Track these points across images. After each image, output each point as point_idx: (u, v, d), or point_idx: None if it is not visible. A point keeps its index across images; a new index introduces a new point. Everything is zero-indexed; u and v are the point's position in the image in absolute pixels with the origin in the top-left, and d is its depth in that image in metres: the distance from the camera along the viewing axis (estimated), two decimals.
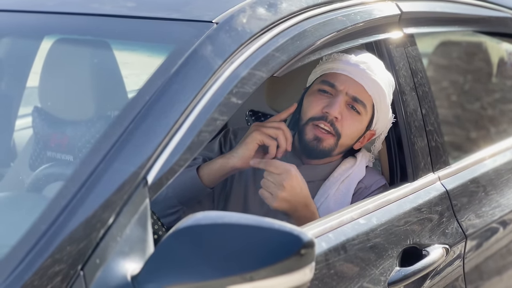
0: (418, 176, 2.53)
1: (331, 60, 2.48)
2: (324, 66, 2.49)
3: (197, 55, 1.95)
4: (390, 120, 2.51)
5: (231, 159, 2.37)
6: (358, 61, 2.44)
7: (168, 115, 1.83)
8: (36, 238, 1.63)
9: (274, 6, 2.17)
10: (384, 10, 2.52)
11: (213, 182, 2.42)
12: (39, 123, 2.58)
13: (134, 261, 1.70)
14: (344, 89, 2.44)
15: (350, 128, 2.45)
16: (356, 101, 2.44)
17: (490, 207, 2.77)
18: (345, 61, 2.45)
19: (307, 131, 2.45)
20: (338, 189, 2.49)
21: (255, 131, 2.37)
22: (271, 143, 2.36)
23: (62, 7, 2.37)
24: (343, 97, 2.43)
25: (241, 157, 2.36)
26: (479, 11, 3.06)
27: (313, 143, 2.44)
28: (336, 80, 2.45)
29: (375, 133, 2.53)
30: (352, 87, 2.44)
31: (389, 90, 2.49)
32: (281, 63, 2.10)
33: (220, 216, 1.70)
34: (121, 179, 1.73)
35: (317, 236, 2.09)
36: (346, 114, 2.44)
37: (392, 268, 2.26)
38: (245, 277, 1.64)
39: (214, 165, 2.40)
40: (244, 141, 2.37)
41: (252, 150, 2.35)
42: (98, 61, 2.46)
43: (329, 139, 2.44)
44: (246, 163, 2.36)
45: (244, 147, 2.36)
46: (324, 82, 2.47)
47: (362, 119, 2.46)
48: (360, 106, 2.44)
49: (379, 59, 2.51)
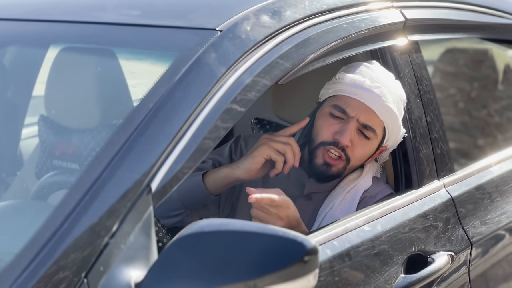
0: (423, 183, 2.52)
1: (343, 80, 2.44)
2: (336, 86, 2.45)
3: (201, 62, 1.95)
4: (401, 135, 2.50)
5: (236, 170, 2.37)
6: (371, 86, 2.40)
7: (172, 123, 1.84)
8: (40, 246, 1.63)
9: (278, 14, 2.17)
10: (388, 17, 2.51)
11: (217, 190, 2.42)
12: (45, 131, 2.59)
13: (138, 269, 1.70)
14: (356, 116, 2.41)
15: (360, 152, 2.44)
16: (366, 128, 2.42)
17: (496, 214, 2.76)
18: (359, 85, 2.41)
19: (318, 155, 2.44)
20: (344, 199, 2.48)
21: (264, 144, 2.37)
22: (278, 158, 2.35)
23: (67, 15, 2.38)
24: (354, 124, 2.41)
25: (247, 170, 2.36)
26: (484, 18, 3.05)
27: (323, 167, 2.43)
28: (348, 106, 2.42)
29: (385, 149, 2.52)
30: (364, 114, 2.41)
31: (401, 108, 2.46)
32: (285, 71, 2.10)
33: (223, 223, 1.70)
34: (125, 186, 1.73)
35: (322, 243, 2.08)
36: (357, 140, 2.42)
37: (397, 275, 2.26)
38: (248, 284, 1.64)
39: (219, 174, 2.40)
40: (252, 154, 2.37)
41: (259, 164, 2.35)
42: (103, 69, 2.47)
43: (339, 164, 2.43)
44: (251, 175, 2.36)
45: (251, 160, 2.36)
46: (335, 106, 2.43)
47: (372, 143, 2.45)
48: (370, 132, 2.42)
49: (389, 73, 2.49)
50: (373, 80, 2.41)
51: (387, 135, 2.46)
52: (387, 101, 2.40)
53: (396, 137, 2.48)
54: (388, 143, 2.49)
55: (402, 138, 2.51)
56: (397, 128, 2.46)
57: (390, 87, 2.43)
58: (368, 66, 2.46)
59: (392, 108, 2.41)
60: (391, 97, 2.42)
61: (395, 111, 2.42)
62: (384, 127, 2.44)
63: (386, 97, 2.40)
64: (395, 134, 2.47)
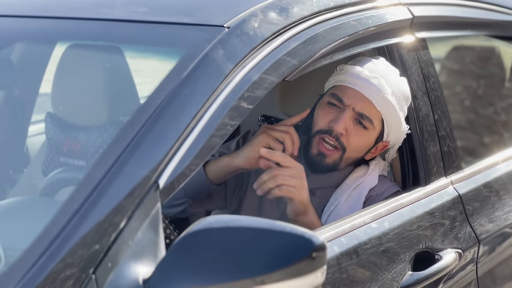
0: (430, 180, 2.52)
1: (343, 71, 2.45)
2: (337, 77, 2.47)
3: (208, 59, 1.95)
4: (404, 131, 2.49)
5: (236, 159, 2.37)
6: (369, 76, 2.40)
7: (179, 119, 1.84)
8: (48, 242, 1.63)
9: (285, 11, 2.17)
10: (395, 14, 2.51)
11: (219, 179, 2.42)
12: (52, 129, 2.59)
13: (146, 265, 1.70)
14: (351, 105, 2.41)
15: (356, 142, 2.43)
16: (362, 117, 2.41)
17: (503, 212, 2.76)
18: (356, 74, 2.41)
19: (313, 145, 2.44)
20: (350, 196, 2.48)
21: (263, 133, 2.37)
22: (277, 146, 2.35)
23: (74, 12, 2.38)
24: (349, 113, 2.41)
25: (246, 158, 2.35)
26: (491, 15, 3.05)
27: (317, 158, 2.44)
28: (345, 94, 2.42)
29: (388, 144, 2.51)
30: (360, 103, 2.41)
31: (402, 103, 2.45)
32: (292, 68, 2.10)
33: (231, 219, 1.70)
34: (133, 183, 1.73)
35: (329, 240, 2.08)
36: (352, 129, 2.42)
37: (404, 272, 2.26)
38: (256, 280, 1.64)
39: (220, 163, 2.41)
40: (251, 142, 2.37)
41: (258, 152, 2.34)
42: (110, 66, 2.47)
43: (334, 155, 2.43)
44: (251, 164, 2.36)
45: (250, 148, 2.36)
46: (333, 95, 2.45)
47: (369, 133, 2.44)
48: (367, 121, 2.42)
49: (395, 68, 2.49)
50: (372, 71, 2.42)
51: (386, 128, 2.45)
52: (385, 92, 2.40)
53: (397, 132, 2.47)
54: (390, 138, 2.48)
55: (405, 135, 2.50)
56: (397, 121, 2.45)
57: (390, 79, 2.43)
58: (371, 60, 2.47)
59: (390, 100, 2.40)
60: (390, 89, 2.41)
61: (394, 103, 2.41)
62: (382, 119, 2.44)
63: (384, 88, 2.40)
64: (396, 129, 2.46)
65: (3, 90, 2.82)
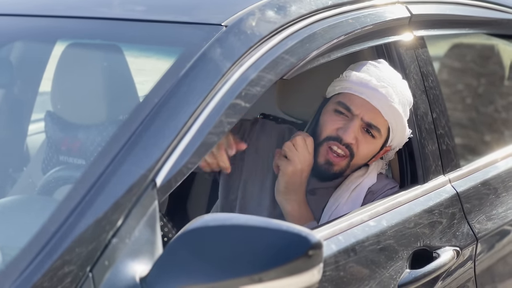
0: (428, 178, 2.52)
1: (351, 79, 2.43)
2: (342, 83, 2.45)
3: (206, 58, 1.95)
4: (407, 135, 2.49)
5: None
6: (377, 85, 2.39)
7: (177, 118, 1.84)
8: (46, 240, 1.64)
9: (283, 9, 2.17)
10: (394, 13, 2.51)
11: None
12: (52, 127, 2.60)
13: (142, 263, 1.70)
14: (360, 114, 2.40)
15: (364, 151, 2.44)
16: (370, 126, 2.41)
17: (502, 209, 2.76)
18: (365, 83, 2.40)
19: (321, 153, 2.43)
20: (349, 197, 2.48)
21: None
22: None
23: (73, 11, 2.38)
24: (358, 122, 2.40)
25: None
26: (490, 14, 3.05)
27: (325, 166, 2.44)
28: (352, 103, 2.41)
29: (390, 149, 2.51)
30: (368, 113, 2.40)
31: (406, 109, 2.45)
32: (290, 66, 2.10)
33: (228, 217, 1.71)
34: (130, 181, 1.74)
35: (327, 238, 2.09)
36: (361, 138, 2.42)
37: (402, 270, 2.26)
38: (253, 278, 1.64)
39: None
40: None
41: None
42: (109, 65, 2.47)
43: (341, 162, 2.43)
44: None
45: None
46: (339, 103, 2.43)
47: (377, 142, 2.45)
48: (375, 131, 2.42)
49: (397, 73, 2.48)
50: (379, 79, 2.41)
51: (391, 135, 2.45)
52: (393, 102, 2.39)
53: (401, 137, 2.47)
54: (393, 143, 2.48)
55: (407, 139, 2.50)
56: (402, 129, 2.45)
57: (397, 87, 2.42)
58: (376, 66, 2.45)
59: (398, 109, 2.40)
60: (397, 98, 2.41)
61: (401, 112, 2.41)
62: (388, 127, 2.44)
63: (392, 97, 2.39)
64: (400, 135, 2.46)
65: (3, 88, 2.82)
